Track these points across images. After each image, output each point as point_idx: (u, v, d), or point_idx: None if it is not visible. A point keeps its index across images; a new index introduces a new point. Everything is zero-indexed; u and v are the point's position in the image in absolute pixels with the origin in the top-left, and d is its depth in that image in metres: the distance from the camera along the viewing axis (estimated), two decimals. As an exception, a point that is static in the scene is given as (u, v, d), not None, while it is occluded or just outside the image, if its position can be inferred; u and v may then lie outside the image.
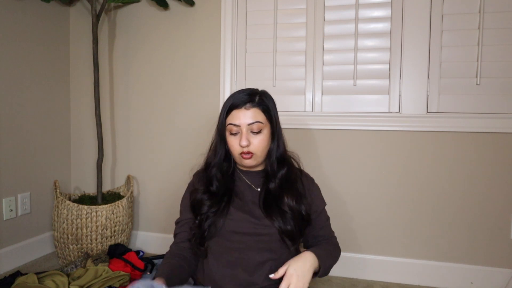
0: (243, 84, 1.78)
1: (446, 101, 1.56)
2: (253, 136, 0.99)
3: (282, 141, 1.07)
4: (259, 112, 1.00)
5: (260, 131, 0.99)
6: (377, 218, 1.66)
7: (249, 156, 0.99)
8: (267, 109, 1.02)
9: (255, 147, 0.99)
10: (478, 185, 1.56)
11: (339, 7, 1.66)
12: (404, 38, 1.59)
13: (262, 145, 1.00)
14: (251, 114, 0.98)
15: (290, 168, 1.07)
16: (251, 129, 0.98)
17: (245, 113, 0.98)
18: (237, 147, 0.99)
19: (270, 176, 1.05)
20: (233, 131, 1.00)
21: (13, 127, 1.71)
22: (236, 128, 0.99)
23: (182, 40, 1.87)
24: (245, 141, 0.97)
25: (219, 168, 1.05)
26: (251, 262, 0.98)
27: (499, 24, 1.50)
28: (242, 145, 0.97)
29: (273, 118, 1.04)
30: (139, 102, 1.95)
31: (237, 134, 1.00)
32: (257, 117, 0.99)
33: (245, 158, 0.99)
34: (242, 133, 0.98)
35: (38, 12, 1.81)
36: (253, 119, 0.98)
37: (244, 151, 0.98)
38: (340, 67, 1.68)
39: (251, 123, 0.98)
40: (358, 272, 1.67)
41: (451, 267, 1.58)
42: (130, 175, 1.94)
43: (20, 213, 1.75)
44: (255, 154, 1.00)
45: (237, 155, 1.01)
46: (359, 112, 1.65)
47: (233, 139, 1.00)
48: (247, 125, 0.98)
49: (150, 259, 1.63)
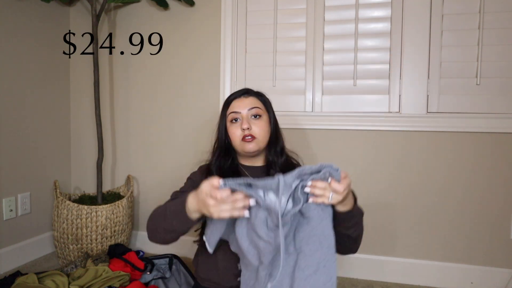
0: (243, 84, 1.78)
1: (446, 101, 1.56)
2: (253, 122, 1.04)
3: (281, 136, 1.12)
4: (257, 100, 1.08)
5: (260, 116, 1.05)
6: (377, 218, 1.66)
7: (251, 139, 1.02)
8: (263, 99, 1.10)
9: (256, 131, 1.03)
10: (478, 185, 1.56)
11: (339, 7, 1.66)
12: (404, 38, 1.59)
13: (263, 130, 1.04)
14: (250, 101, 1.06)
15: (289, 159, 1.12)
16: (251, 114, 1.04)
17: (244, 100, 1.06)
18: (238, 133, 1.03)
19: (271, 167, 1.07)
20: (234, 119, 1.05)
21: (13, 127, 1.71)
22: (236, 115, 1.04)
23: (182, 40, 1.87)
24: (246, 123, 1.02)
25: (222, 162, 1.07)
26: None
27: (499, 24, 1.50)
28: (244, 128, 1.01)
29: (271, 110, 1.11)
30: (139, 102, 1.95)
31: (237, 122, 1.05)
32: (256, 103, 1.06)
33: (247, 141, 1.02)
34: (243, 118, 1.04)
35: (38, 12, 1.81)
36: (252, 105, 1.05)
37: (246, 133, 1.02)
38: (340, 67, 1.68)
39: (251, 108, 1.04)
40: (358, 272, 1.67)
41: (451, 267, 1.58)
42: (130, 175, 1.94)
43: (20, 213, 1.75)
44: (257, 139, 1.03)
45: (239, 142, 1.04)
46: (359, 112, 1.65)
47: (234, 126, 1.05)
48: (247, 110, 1.04)
49: (150, 259, 1.63)
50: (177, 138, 1.91)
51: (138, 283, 1.42)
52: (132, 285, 1.41)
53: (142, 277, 1.52)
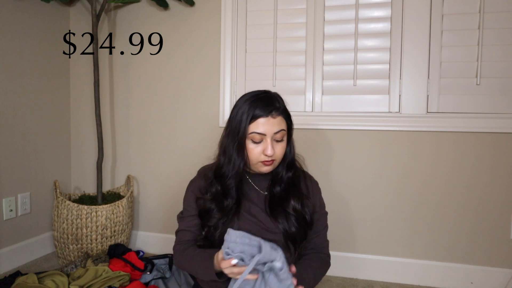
0: (243, 84, 1.78)
1: (446, 101, 1.56)
2: (275, 144, 0.97)
3: (293, 146, 1.07)
4: (283, 120, 0.98)
5: (282, 139, 0.98)
6: (377, 218, 1.66)
7: (270, 163, 0.98)
8: (288, 116, 1.01)
9: (277, 155, 0.98)
10: (478, 185, 1.56)
11: (339, 7, 1.66)
12: (404, 38, 1.59)
13: (282, 152, 1.00)
14: (277, 122, 0.96)
15: (296, 171, 1.07)
16: (275, 138, 0.97)
17: (272, 121, 0.95)
18: (259, 155, 0.97)
19: (277, 180, 1.04)
20: (256, 140, 0.96)
21: (13, 127, 1.71)
22: (260, 136, 0.95)
23: (182, 40, 1.87)
24: (271, 150, 0.94)
25: (236, 179, 1.01)
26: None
27: (499, 24, 1.50)
28: (268, 154, 0.95)
29: (291, 127, 1.03)
30: (139, 102, 1.95)
31: (260, 143, 0.97)
32: (282, 125, 0.97)
33: (267, 165, 0.98)
34: (267, 142, 0.95)
35: (38, 12, 1.81)
36: (279, 128, 0.96)
37: (267, 160, 0.97)
38: (340, 67, 1.68)
39: (277, 132, 0.96)
40: (358, 272, 1.67)
41: (451, 267, 1.58)
42: (130, 175, 1.94)
43: (20, 213, 1.75)
44: (275, 161, 0.99)
45: (256, 162, 0.98)
46: (359, 112, 1.65)
47: (255, 147, 0.97)
48: (273, 133, 0.95)
49: (150, 259, 1.63)
50: (177, 138, 1.91)
51: (138, 283, 1.42)
52: (132, 285, 1.41)
53: (142, 277, 1.52)
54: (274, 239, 0.98)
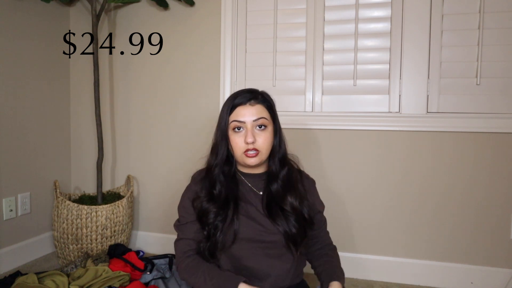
0: (243, 84, 1.78)
1: (446, 101, 1.56)
2: (258, 133, 0.97)
3: (283, 142, 1.06)
4: (263, 109, 0.99)
5: (265, 127, 0.98)
6: (377, 218, 1.66)
7: (254, 154, 0.96)
8: (270, 106, 1.01)
9: (260, 144, 0.97)
10: (478, 185, 1.56)
11: (339, 7, 1.66)
12: (404, 38, 1.59)
13: (267, 142, 0.98)
14: (256, 110, 0.97)
15: (290, 169, 1.07)
16: (256, 125, 0.97)
17: (250, 109, 0.97)
18: (241, 144, 0.96)
19: (272, 178, 1.03)
20: (237, 128, 0.97)
21: (13, 127, 1.71)
22: (240, 124, 0.97)
23: (182, 40, 1.87)
24: (250, 137, 0.94)
25: (221, 169, 1.02)
26: (259, 269, 0.98)
27: (499, 24, 1.50)
28: (248, 142, 0.94)
29: (276, 118, 1.04)
30: (139, 102, 1.95)
31: (241, 132, 0.97)
32: (262, 113, 0.98)
33: (250, 156, 0.96)
34: (247, 130, 0.96)
35: (38, 12, 1.81)
36: (258, 115, 0.97)
37: (249, 147, 0.95)
38: (340, 67, 1.68)
39: (257, 119, 0.96)
40: (358, 272, 1.67)
41: (451, 267, 1.58)
42: (130, 175, 1.94)
43: (20, 213, 1.75)
44: (260, 152, 0.97)
45: (240, 154, 0.97)
46: (359, 112, 1.65)
47: (237, 136, 0.97)
48: (252, 121, 0.96)
49: (150, 259, 1.63)
50: (177, 138, 1.91)
51: (138, 283, 1.42)
52: (132, 285, 1.41)
53: (142, 277, 1.52)
54: (275, 240, 0.98)
